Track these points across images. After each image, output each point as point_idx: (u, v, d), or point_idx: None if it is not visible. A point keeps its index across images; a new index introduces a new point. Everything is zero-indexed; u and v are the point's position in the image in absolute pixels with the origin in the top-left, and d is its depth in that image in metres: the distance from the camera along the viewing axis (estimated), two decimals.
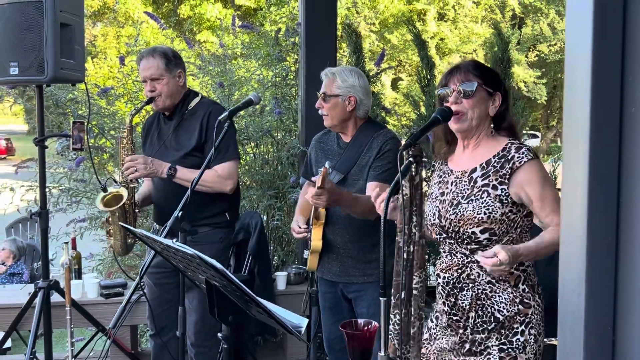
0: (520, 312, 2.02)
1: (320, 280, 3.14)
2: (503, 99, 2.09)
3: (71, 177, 4.74)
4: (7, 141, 28.60)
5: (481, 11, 23.13)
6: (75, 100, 4.46)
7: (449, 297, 2.08)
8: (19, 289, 4.22)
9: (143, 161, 3.04)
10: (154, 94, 3.16)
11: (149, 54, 3.19)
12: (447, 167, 2.19)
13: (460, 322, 2.07)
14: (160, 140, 3.27)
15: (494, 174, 2.03)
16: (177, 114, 3.25)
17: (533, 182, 1.99)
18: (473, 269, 2.05)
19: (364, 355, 1.90)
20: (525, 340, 2.01)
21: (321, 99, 2.91)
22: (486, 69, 2.11)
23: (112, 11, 22.24)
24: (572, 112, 1.05)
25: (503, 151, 2.05)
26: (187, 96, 3.27)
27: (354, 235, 2.94)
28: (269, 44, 4.77)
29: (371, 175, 2.87)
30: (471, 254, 2.05)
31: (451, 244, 2.10)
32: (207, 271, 1.57)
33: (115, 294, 3.97)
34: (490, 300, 2.03)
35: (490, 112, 2.07)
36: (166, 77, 3.16)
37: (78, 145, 3.59)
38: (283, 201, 4.55)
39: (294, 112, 4.56)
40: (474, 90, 2.02)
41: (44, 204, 3.57)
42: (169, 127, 3.28)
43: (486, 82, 2.05)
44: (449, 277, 2.09)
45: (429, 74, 4.42)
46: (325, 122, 2.94)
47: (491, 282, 2.03)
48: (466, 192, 2.06)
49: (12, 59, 3.32)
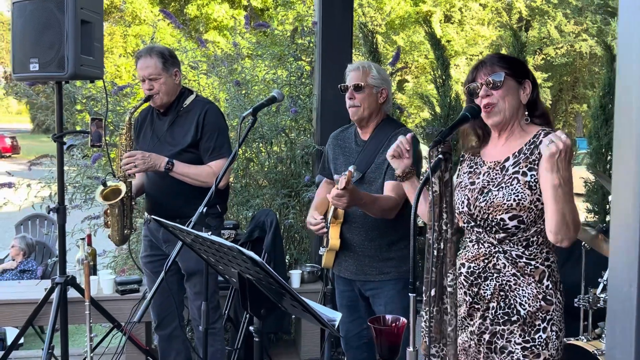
0: (542, 309, 2.02)
1: (337, 278, 3.15)
2: (533, 87, 2.09)
3: (85, 174, 4.76)
4: (12, 139, 28.68)
5: (487, 13, 23.14)
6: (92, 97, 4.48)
7: (472, 287, 2.09)
8: (34, 285, 4.25)
9: (142, 156, 3.14)
10: (152, 92, 3.27)
11: (147, 53, 3.29)
12: (480, 159, 2.20)
13: (480, 311, 2.08)
14: (155, 136, 3.36)
15: (524, 161, 2.04)
16: (172, 111, 3.36)
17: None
18: (499, 259, 2.05)
19: (391, 351, 1.91)
20: (548, 337, 2.02)
21: (352, 90, 2.91)
22: (511, 59, 2.11)
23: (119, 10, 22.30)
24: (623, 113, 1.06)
25: (534, 138, 2.06)
26: (182, 94, 3.38)
27: (370, 233, 2.94)
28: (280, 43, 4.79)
29: (389, 174, 2.88)
30: (499, 244, 2.06)
31: (479, 232, 2.10)
32: (243, 264, 1.58)
33: (130, 290, 4.00)
34: (514, 293, 2.03)
35: (523, 99, 2.08)
36: (163, 76, 3.27)
37: (97, 142, 3.61)
38: (296, 200, 4.56)
39: (308, 111, 4.57)
40: (502, 80, 2.03)
41: (61, 199, 3.59)
42: (163, 123, 3.37)
43: (514, 71, 2.06)
44: (475, 267, 2.09)
45: (444, 74, 4.43)
46: (354, 114, 2.93)
47: (516, 275, 2.04)
48: (497, 180, 2.07)
49: (32, 55, 3.35)
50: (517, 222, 2.02)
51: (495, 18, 23.37)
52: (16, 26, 3.39)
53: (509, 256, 2.05)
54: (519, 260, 2.04)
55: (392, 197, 2.81)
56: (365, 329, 3.18)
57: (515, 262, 2.04)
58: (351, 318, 3.12)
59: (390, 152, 2.05)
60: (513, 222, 2.02)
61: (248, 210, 4.63)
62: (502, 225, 2.03)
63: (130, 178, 3.23)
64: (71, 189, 4.58)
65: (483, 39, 22.07)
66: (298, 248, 4.71)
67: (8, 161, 24.05)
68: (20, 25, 3.37)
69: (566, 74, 24.66)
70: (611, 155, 4.59)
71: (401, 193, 2.87)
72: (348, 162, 3.02)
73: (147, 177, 3.47)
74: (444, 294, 1.83)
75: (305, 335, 4.24)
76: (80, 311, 3.78)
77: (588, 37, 22.06)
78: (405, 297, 2.98)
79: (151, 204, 3.47)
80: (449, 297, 1.83)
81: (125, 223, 3.36)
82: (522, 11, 23.11)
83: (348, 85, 2.93)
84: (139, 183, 3.52)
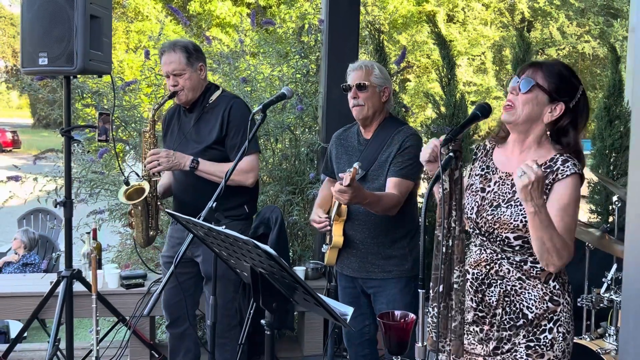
0: (549, 310, 2.02)
1: (339, 275, 3.17)
2: (569, 114, 2.01)
3: (90, 168, 4.78)
4: (13, 134, 28.70)
5: (490, 14, 23.15)
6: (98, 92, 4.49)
7: (477, 294, 2.09)
8: (39, 278, 4.27)
9: (165, 155, 3.08)
10: (177, 89, 3.18)
11: (171, 48, 3.20)
12: (492, 163, 2.18)
13: (487, 318, 2.08)
14: (181, 133, 3.29)
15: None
16: (198, 107, 3.28)
17: (562, 196, 1.97)
18: (503, 265, 2.05)
19: (400, 346, 1.93)
20: (554, 337, 2.01)
21: (355, 89, 2.93)
22: (563, 77, 2.02)
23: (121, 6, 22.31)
24: None
25: (550, 161, 2.02)
26: (208, 89, 3.30)
27: (373, 231, 2.96)
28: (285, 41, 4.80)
29: (392, 170, 2.90)
30: (502, 252, 2.06)
31: (482, 240, 2.11)
32: (257, 258, 1.60)
33: (135, 284, 4.02)
34: (520, 297, 2.03)
35: (546, 118, 2.02)
36: (188, 71, 3.18)
37: (103, 136, 3.63)
38: (301, 197, 4.58)
39: (313, 108, 4.58)
40: (529, 88, 1.99)
41: (69, 193, 3.61)
42: (189, 120, 3.30)
43: (554, 87, 2.00)
44: (478, 273, 2.09)
45: (449, 73, 4.45)
46: (358, 113, 2.95)
47: (521, 279, 2.03)
48: (507, 196, 2.06)
49: (41, 49, 3.36)
50: (521, 242, 2.02)
51: (498, 18, 23.38)
52: (25, 20, 3.40)
53: (512, 261, 2.04)
54: (524, 265, 2.04)
55: (395, 195, 2.83)
56: (367, 325, 3.20)
57: (520, 266, 2.04)
58: (353, 315, 3.09)
59: (426, 156, 1.96)
60: (518, 241, 2.02)
61: None
62: (506, 242, 2.03)
63: (155, 177, 3.16)
64: (76, 184, 4.59)
65: (486, 39, 22.08)
66: (302, 245, 4.73)
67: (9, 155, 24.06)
68: (29, 19, 3.38)
69: None
70: (615, 156, 4.62)
71: (403, 190, 2.90)
72: (351, 160, 3.04)
73: (173, 177, 3.40)
74: (451, 290, 1.85)
75: (308, 331, 4.26)
76: (85, 305, 3.81)
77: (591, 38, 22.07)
78: (407, 295, 3.02)
79: (178, 204, 3.39)
80: (455, 292, 1.84)
81: (150, 224, 3.30)
82: (524, 12, 23.12)
83: (351, 84, 2.95)
84: (167, 183, 3.45)
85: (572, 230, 1.95)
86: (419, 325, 1.83)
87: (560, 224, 1.93)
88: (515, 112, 2.03)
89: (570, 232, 1.94)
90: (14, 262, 6.18)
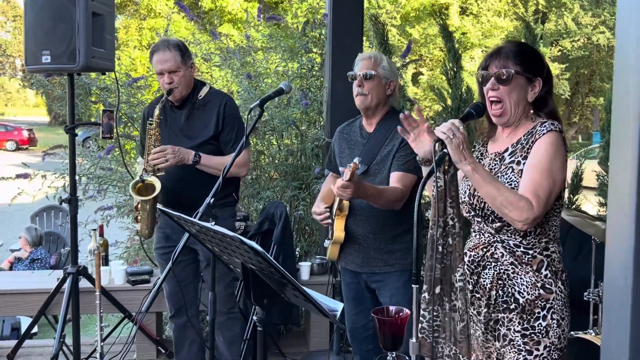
0: (542, 297, 2.02)
1: (343, 270, 3.16)
2: (544, 83, 2.07)
3: (97, 165, 4.80)
4: (29, 132, 28.98)
5: (504, 5, 22.94)
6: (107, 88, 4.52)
7: (473, 275, 2.10)
8: (47, 275, 4.30)
9: (172, 151, 3.13)
10: (172, 86, 3.24)
11: (165, 47, 3.26)
12: (485, 149, 2.21)
13: (482, 300, 2.09)
14: (170, 129, 3.33)
15: (520, 150, 2.04)
16: (188, 104, 3.34)
17: (538, 150, 1.99)
18: (497, 248, 2.06)
19: (394, 342, 1.92)
20: (548, 324, 2.01)
21: (361, 78, 2.91)
22: (527, 54, 2.08)
23: (134, 3, 22.40)
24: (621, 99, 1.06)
25: (532, 128, 2.06)
26: (196, 86, 3.38)
27: (375, 226, 2.95)
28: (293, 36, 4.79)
29: (395, 165, 2.88)
30: (496, 233, 2.06)
31: (479, 222, 2.12)
32: (245, 254, 1.59)
33: (141, 280, 4.04)
34: (512, 282, 2.04)
35: (529, 97, 2.07)
36: (182, 69, 3.25)
37: (108, 134, 3.64)
38: (307, 192, 4.57)
39: (318, 103, 4.57)
40: (509, 78, 2.02)
41: (73, 190, 3.64)
42: (179, 116, 3.36)
43: (526, 68, 2.04)
44: (475, 255, 2.11)
45: (455, 66, 4.41)
46: (361, 102, 2.93)
47: (513, 264, 2.04)
48: (494, 170, 2.09)
49: (44, 47, 3.38)
50: None
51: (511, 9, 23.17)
52: (28, 18, 3.43)
53: (506, 245, 2.05)
54: (517, 250, 2.05)
55: (399, 189, 2.81)
56: (371, 320, 3.17)
57: (513, 251, 2.05)
58: (357, 310, 3.13)
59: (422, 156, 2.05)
60: None
61: (259, 203, 4.65)
62: (497, 214, 2.03)
63: (158, 173, 3.21)
64: (85, 180, 4.62)
65: (500, 30, 21.89)
66: (308, 240, 4.73)
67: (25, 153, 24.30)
68: (32, 17, 3.40)
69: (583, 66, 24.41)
70: None
71: (407, 184, 2.87)
72: (353, 154, 3.02)
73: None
74: (452, 290, 1.82)
75: (314, 326, 4.26)
76: (91, 301, 3.81)
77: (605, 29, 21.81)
78: (411, 288, 2.99)
79: (167, 196, 3.40)
80: (459, 292, 1.82)
81: (156, 219, 3.38)
82: (539, 2, 22.89)
83: (358, 73, 2.93)
84: None
85: (540, 185, 1.94)
86: (414, 320, 1.83)
87: (526, 180, 1.97)
88: (504, 106, 2.06)
89: (537, 187, 1.94)
90: (23, 259, 6.27)
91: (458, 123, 1.90)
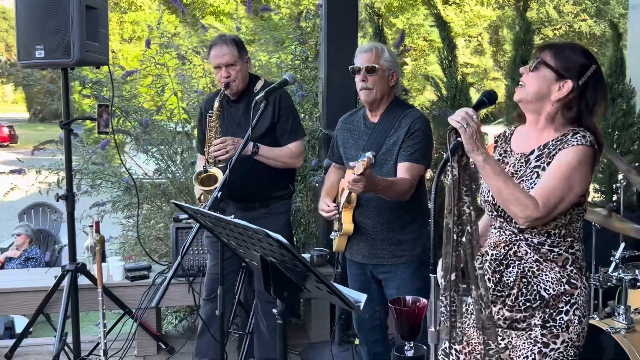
0: (567, 292, 2.01)
1: (349, 262, 3.16)
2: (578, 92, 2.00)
3: (89, 160, 4.75)
4: (9, 129, 28.59)
5: None
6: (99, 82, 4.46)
7: (495, 274, 2.07)
8: (43, 273, 4.25)
9: (232, 142, 3.16)
10: (229, 80, 3.30)
11: (222, 42, 3.32)
12: (509, 147, 2.19)
13: (502, 297, 2.07)
14: (231, 122, 3.36)
15: (547, 156, 2.01)
16: (245, 97, 3.39)
17: (563, 157, 1.96)
18: (521, 246, 2.04)
19: (412, 331, 1.92)
20: (569, 320, 2.01)
21: (365, 72, 2.89)
22: (570, 55, 2.03)
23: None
24: None
25: (562, 136, 2.02)
26: (251, 80, 3.43)
27: (383, 217, 2.94)
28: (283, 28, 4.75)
29: (402, 155, 2.87)
30: (520, 233, 2.04)
31: (501, 221, 2.09)
32: (267, 247, 1.58)
33: (140, 276, 4.00)
34: (537, 279, 2.02)
35: (553, 96, 2.02)
36: (239, 63, 3.31)
37: (105, 128, 3.60)
38: (303, 184, 4.56)
39: (314, 95, 4.54)
40: (535, 65, 2.03)
41: (70, 187, 3.59)
42: (236, 110, 3.40)
43: (559, 64, 2.00)
44: (497, 254, 2.08)
45: (450, 55, 4.40)
46: (366, 96, 2.91)
47: (538, 261, 2.02)
48: (520, 173, 2.06)
49: (37, 42, 3.33)
50: None
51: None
52: (20, 12, 3.36)
53: (530, 243, 2.03)
54: (541, 248, 2.03)
55: (407, 179, 2.81)
56: (378, 311, 3.19)
57: (538, 248, 2.03)
58: None
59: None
60: None
61: None
62: None
63: (219, 164, 3.23)
64: (78, 176, 4.56)
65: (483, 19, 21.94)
66: (305, 232, 4.71)
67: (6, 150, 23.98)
68: (24, 11, 3.34)
69: None
70: (618, 134, 4.59)
71: (415, 174, 2.87)
72: (357, 145, 3.01)
73: None
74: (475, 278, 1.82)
75: (314, 318, 4.26)
76: (90, 298, 3.79)
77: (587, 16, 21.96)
78: (418, 279, 3.00)
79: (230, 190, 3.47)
80: (480, 279, 1.82)
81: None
82: None
83: (360, 67, 2.91)
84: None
85: (554, 190, 1.92)
86: (431, 310, 1.82)
87: (541, 182, 1.96)
88: (524, 89, 2.05)
89: (550, 192, 1.92)
90: (15, 258, 6.18)
91: (472, 112, 1.88)
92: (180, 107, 4.71)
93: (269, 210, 3.37)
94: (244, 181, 3.22)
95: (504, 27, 21.70)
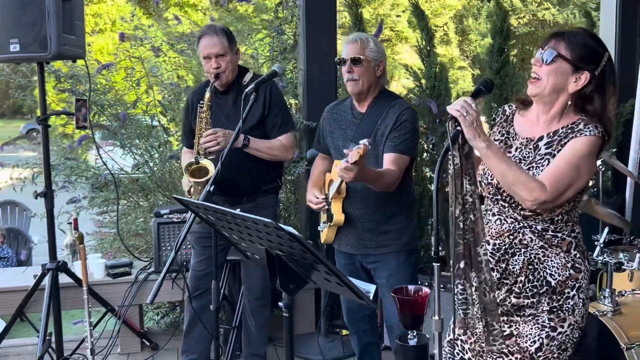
0: (572, 277, 2.04)
1: (337, 252, 3.15)
2: (595, 82, 2.00)
3: (64, 155, 4.65)
4: None
5: None
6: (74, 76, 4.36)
7: (499, 263, 2.08)
8: (21, 272, 4.16)
9: (222, 134, 3.11)
10: (219, 70, 3.24)
11: (212, 32, 3.26)
12: (513, 129, 2.17)
13: (508, 285, 2.09)
14: (219, 114, 3.31)
15: (557, 144, 2.02)
16: (233, 89, 3.34)
17: (573, 145, 1.97)
18: (525, 234, 2.06)
19: (415, 320, 1.93)
20: (575, 303, 2.05)
21: (350, 64, 2.88)
22: (586, 45, 2.01)
23: None
24: None
25: (573, 124, 2.03)
26: (240, 72, 3.38)
27: (370, 208, 2.94)
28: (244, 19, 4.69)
29: (388, 146, 2.87)
30: (523, 219, 2.06)
31: (503, 206, 2.10)
32: (275, 240, 1.56)
33: (122, 273, 3.95)
34: (543, 265, 2.04)
35: (570, 88, 2.01)
36: (229, 54, 3.26)
37: (82, 123, 3.53)
38: (284, 176, 4.52)
39: (293, 86, 4.51)
40: (551, 59, 2.00)
41: (48, 183, 3.52)
42: (225, 102, 3.35)
43: (575, 56, 1.99)
44: (500, 243, 2.09)
45: (428, 44, 4.41)
46: (353, 88, 2.91)
47: (544, 247, 2.04)
48: (529, 159, 2.06)
49: (12, 35, 3.23)
50: None
51: None
52: None
53: (534, 230, 2.05)
54: (546, 233, 2.05)
55: (394, 170, 2.81)
56: None
57: (542, 235, 2.05)
58: None
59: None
60: None
61: None
62: None
63: (209, 156, 3.18)
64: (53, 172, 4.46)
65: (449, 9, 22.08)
66: (287, 224, 4.68)
67: None
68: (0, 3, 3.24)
69: (528, 43, 24.87)
70: None
71: (402, 165, 2.87)
72: (345, 135, 3.00)
73: None
74: (479, 263, 1.83)
75: (299, 310, 4.24)
76: (71, 297, 3.73)
77: (550, 5, 22.29)
78: (408, 267, 3.02)
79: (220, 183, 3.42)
80: (485, 265, 1.83)
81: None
82: None
83: (345, 58, 2.90)
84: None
85: (563, 176, 1.94)
86: (436, 298, 1.83)
87: (548, 168, 1.97)
88: (540, 84, 2.03)
89: (556, 177, 1.94)
90: None
91: (470, 100, 1.89)
92: (156, 101, 4.63)
93: (256, 204, 3.32)
94: (233, 174, 3.17)
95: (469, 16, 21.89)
